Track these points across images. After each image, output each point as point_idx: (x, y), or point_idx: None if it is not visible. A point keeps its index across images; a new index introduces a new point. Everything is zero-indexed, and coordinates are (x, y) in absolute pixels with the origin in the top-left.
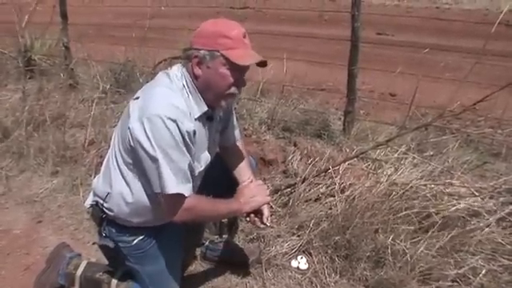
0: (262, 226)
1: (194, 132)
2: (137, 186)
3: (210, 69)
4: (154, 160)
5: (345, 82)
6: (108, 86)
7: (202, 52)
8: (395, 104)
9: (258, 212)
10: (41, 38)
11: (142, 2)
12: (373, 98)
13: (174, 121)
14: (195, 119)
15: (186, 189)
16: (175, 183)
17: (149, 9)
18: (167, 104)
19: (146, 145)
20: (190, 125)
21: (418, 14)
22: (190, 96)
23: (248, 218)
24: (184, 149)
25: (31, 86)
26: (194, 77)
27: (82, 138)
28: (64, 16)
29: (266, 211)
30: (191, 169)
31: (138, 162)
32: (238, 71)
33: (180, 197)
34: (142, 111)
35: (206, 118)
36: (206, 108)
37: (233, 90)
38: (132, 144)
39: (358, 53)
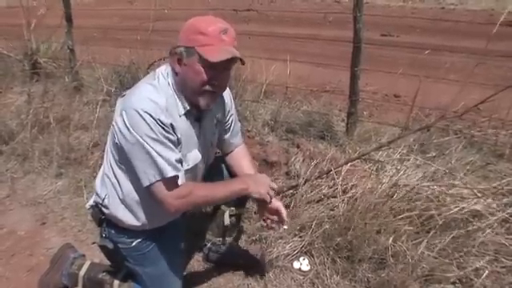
0: (282, 229)
1: (172, 125)
2: (126, 183)
3: (187, 66)
4: (140, 149)
5: (348, 83)
6: (113, 89)
7: (180, 49)
8: (399, 105)
9: (270, 212)
10: (46, 41)
11: (147, 5)
12: (376, 99)
13: (149, 114)
14: (180, 116)
15: (178, 173)
16: (167, 168)
17: (152, 11)
18: (144, 98)
19: (129, 136)
20: (166, 119)
21: (422, 15)
22: (175, 94)
23: (265, 223)
24: (165, 140)
25: (36, 89)
26: (175, 73)
27: (87, 140)
28: (69, 19)
29: (284, 211)
30: (180, 161)
31: (126, 156)
32: (213, 68)
33: (173, 182)
34: (122, 106)
35: (195, 119)
36: (187, 106)
37: (208, 87)
38: (118, 140)
39: (361, 54)
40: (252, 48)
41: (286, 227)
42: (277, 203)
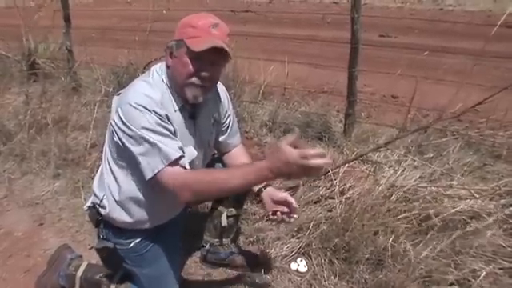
0: (292, 219)
1: (167, 116)
2: (125, 180)
3: (177, 58)
4: (140, 142)
5: (346, 84)
6: (111, 90)
7: (171, 43)
8: (397, 106)
9: (280, 203)
10: (44, 42)
11: (146, 6)
12: (374, 100)
13: (144, 106)
14: (175, 111)
15: (183, 154)
16: (169, 151)
17: (151, 12)
18: (139, 94)
19: (127, 130)
20: (161, 111)
21: (420, 16)
22: (169, 90)
23: (275, 216)
24: (162, 129)
25: (34, 90)
26: (167, 67)
27: (84, 141)
28: (67, 19)
29: (293, 200)
30: (181, 148)
31: (126, 154)
32: (198, 59)
33: (179, 166)
34: (118, 103)
35: (189, 116)
36: (181, 103)
37: (194, 79)
38: (117, 138)
39: (358, 55)
40: (250, 49)
41: (296, 216)
42: (283, 194)
